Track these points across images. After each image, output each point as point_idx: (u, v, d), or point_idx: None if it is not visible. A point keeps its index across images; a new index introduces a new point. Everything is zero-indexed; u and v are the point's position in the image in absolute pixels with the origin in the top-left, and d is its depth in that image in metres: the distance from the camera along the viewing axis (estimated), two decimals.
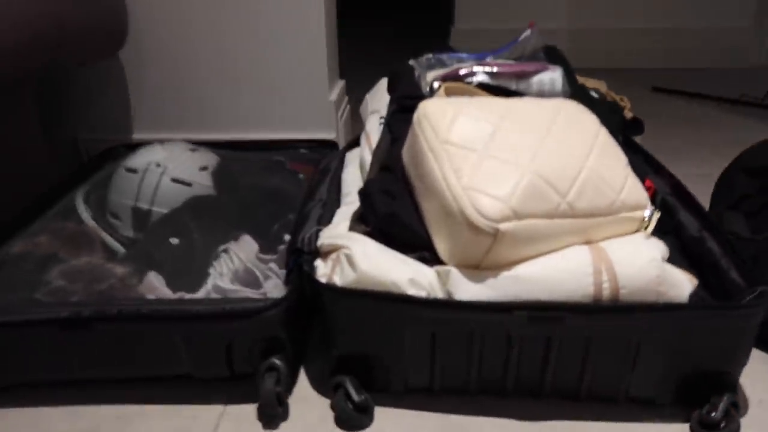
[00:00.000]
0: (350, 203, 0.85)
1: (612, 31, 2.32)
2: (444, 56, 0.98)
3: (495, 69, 0.81)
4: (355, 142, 1.10)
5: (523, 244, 0.60)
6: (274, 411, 0.66)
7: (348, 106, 1.56)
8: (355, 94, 1.72)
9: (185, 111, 1.37)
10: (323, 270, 0.67)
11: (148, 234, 0.86)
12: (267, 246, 0.86)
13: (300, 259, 0.71)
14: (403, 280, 0.62)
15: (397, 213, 0.67)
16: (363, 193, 0.73)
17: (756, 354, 0.77)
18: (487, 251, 0.60)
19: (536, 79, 0.82)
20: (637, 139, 1.17)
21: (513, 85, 0.82)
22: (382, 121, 0.98)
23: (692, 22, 2.30)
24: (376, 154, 0.88)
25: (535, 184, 0.60)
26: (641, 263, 0.61)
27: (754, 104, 1.87)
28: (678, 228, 0.84)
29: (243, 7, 1.26)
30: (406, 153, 0.72)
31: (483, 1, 2.36)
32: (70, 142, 1.38)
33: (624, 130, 1.10)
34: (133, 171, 0.94)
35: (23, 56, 0.89)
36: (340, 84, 1.51)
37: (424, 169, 0.65)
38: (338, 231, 0.71)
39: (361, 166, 0.95)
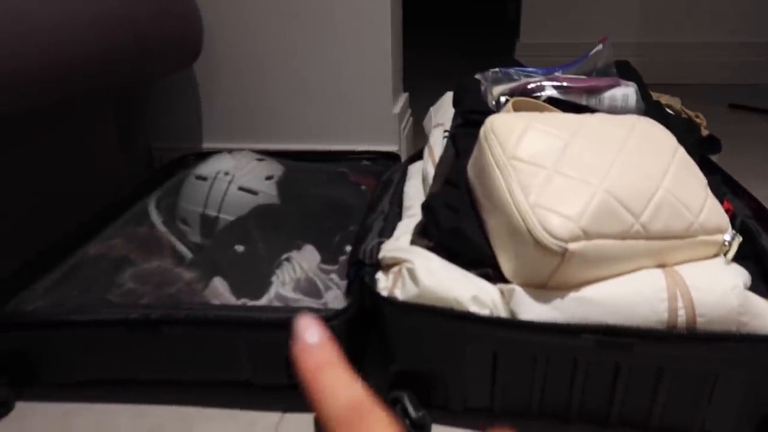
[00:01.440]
0: (412, 216, 0.85)
1: (684, 45, 2.23)
2: (511, 71, 0.96)
3: (564, 84, 0.79)
4: (417, 155, 1.10)
5: (592, 265, 0.58)
6: None
7: (411, 119, 1.57)
8: (419, 107, 1.73)
9: (254, 121, 1.41)
10: (384, 283, 0.67)
11: (214, 241, 0.88)
12: (328, 257, 0.87)
13: (361, 271, 0.71)
14: (466, 296, 0.61)
15: (461, 228, 0.66)
16: (426, 207, 0.72)
17: None
18: (554, 271, 0.58)
19: (608, 95, 0.80)
20: (714, 158, 1.12)
21: (583, 101, 0.80)
22: (446, 134, 0.97)
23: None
24: (439, 167, 0.87)
25: (607, 203, 0.58)
26: (721, 290, 0.58)
27: None
28: (760, 254, 0.79)
29: (312, 21, 1.29)
30: (471, 168, 0.71)
31: (549, 15, 2.32)
32: (145, 150, 1.44)
33: (700, 149, 1.05)
34: (202, 179, 0.97)
35: (105, 69, 0.94)
36: (404, 97, 1.51)
37: (491, 185, 0.64)
38: (400, 244, 0.70)
39: (424, 180, 0.95)
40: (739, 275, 0.59)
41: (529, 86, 0.81)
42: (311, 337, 0.24)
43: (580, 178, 0.60)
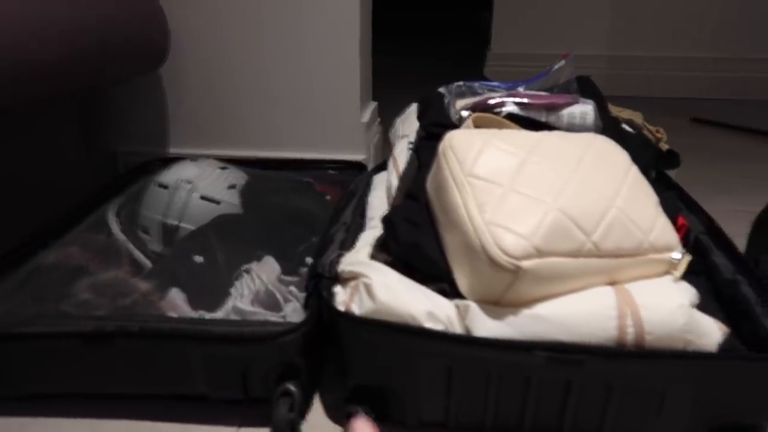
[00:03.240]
0: (374, 227, 0.85)
1: (652, 59, 2.28)
2: (475, 84, 0.97)
3: (525, 100, 0.80)
4: (383, 166, 1.10)
5: (545, 283, 0.59)
6: None
7: (380, 128, 1.57)
8: (389, 116, 1.73)
9: (220, 127, 1.40)
10: (342, 297, 0.67)
11: (173, 250, 0.87)
12: (290, 268, 0.87)
13: (320, 284, 0.71)
14: (421, 312, 0.61)
15: (419, 243, 0.66)
16: (386, 221, 0.72)
17: None
18: (507, 288, 0.59)
19: (567, 112, 0.81)
20: (674, 171, 1.14)
21: (543, 117, 0.81)
22: (411, 146, 0.98)
23: (734, 51, 2.25)
24: (402, 179, 0.87)
25: (559, 222, 0.59)
26: (669, 309, 0.59)
27: None
28: (711, 270, 0.81)
29: (280, 27, 1.29)
30: (430, 183, 0.71)
31: (520, 25, 2.35)
32: (109, 154, 1.41)
33: (658, 164, 1.08)
34: (163, 187, 0.96)
35: (67, 73, 0.92)
36: (372, 106, 1.52)
37: (448, 201, 0.65)
38: (359, 257, 0.71)
39: (388, 191, 0.95)
40: (687, 294, 0.61)
41: (491, 101, 0.82)
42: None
43: (535, 196, 0.61)
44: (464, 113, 0.80)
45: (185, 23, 1.29)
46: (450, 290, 0.65)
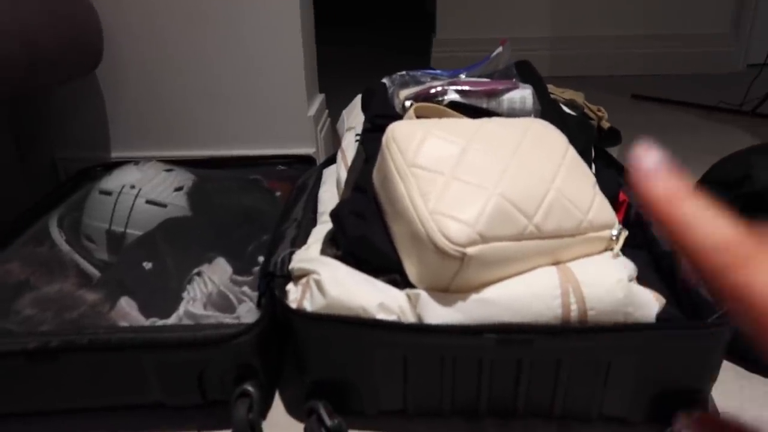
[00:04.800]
0: (325, 222, 0.85)
1: (593, 39, 2.33)
2: (418, 73, 0.98)
3: (466, 88, 0.82)
4: (332, 159, 1.10)
5: (491, 267, 0.60)
6: None
7: (328, 119, 1.56)
8: (337, 106, 1.73)
9: (164, 128, 1.37)
10: (294, 295, 0.67)
11: (121, 258, 0.85)
12: (242, 268, 0.86)
13: (272, 283, 0.71)
14: (372, 304, 0.62)
15: (367, 236, 0.67)
16: (334, 216, 0.73)
17: (728, 366, 0.77)
18: (455, 275, 0.60)
19: (506, 97, 0.82)
20: (617, 148, 1.18)
21: (484, 104, 0.82)
22: (358, 138, 0.98)
23: (671, 28, 2.32)
24: (350, 172, 0.88)
25: (501, 207, 0.60)
26: (608, 284, 0.61)
27: (732, 110, 1.89)
28: (651, 243, 0.85)
29: (219, 20, 1.26)
30: (375, 175, 0.72)
31: (464, 11, 2.37)
32: (48, 161, 1.37)
33: (599, 142, 1.11)
34: (107, 193, 0.94)
35: None
36: (320, 98, 1.51)
37: (393, 192, 0.65)
38: (310, 254, 0.71)
39: (338, 184, 0.95)
40: (625, 268, 0.64)
41: (432, 90, 0.82)
42: (653, 162, 0.19)
43: (476, 183, 0.62)
44: (407, 103, 0.80)
45: (120, 21, 1.25)
46: (401, 280, 0.66)
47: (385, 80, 1.00)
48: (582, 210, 0.64)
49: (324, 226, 0.83)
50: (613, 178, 0.96)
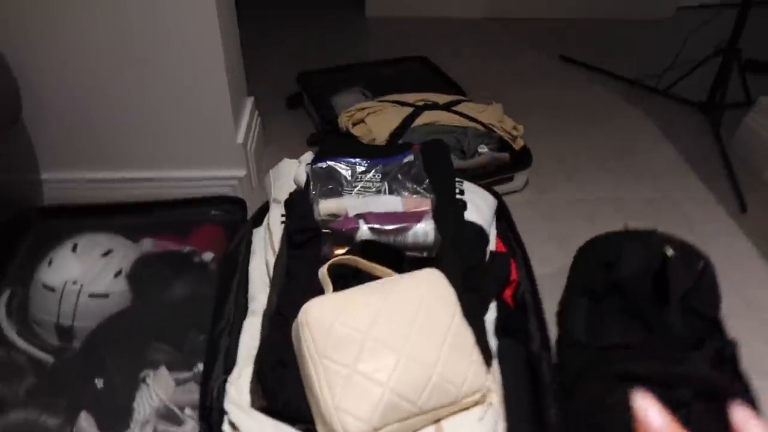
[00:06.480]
0: (254, 312, 0.98)
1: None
2: (338, 164, 1.05)
3: (376, 226, 0.91)
4: (260, 214, 1.18)
5: None
6: None
7: (258, 122, 1.59)
8: (267, 98, 1.75)
9: (95, 150, 1.38)
10: None
11: (73, 373, 0.97)
12: (183, 361, 1.00)
13: (210, 418, 0.86)
14: None
15: (289, 402, 0.81)
16: (258, 371, 0.86)
17: None
18: None
19: (411, 233, 0.93)
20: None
21: (391, 240, 0.93)
22: (283, 219, 1.07)
23: None
24: (273, 285, 0.99)
25: (391, 402, 0.76)
26: None
27: (649, 88, 1.98)
28: (526, 336, 1.03)
29: (142, 59, 1.24)
30: (294, 334, 0.84)
31: None
32: None
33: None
34: (50, 289, 1.02)
35: None
36: (249, 105, 1.52)
37: (307, 371, 0.79)
38: (242, 402, 0.85)
39: (267, 266, 1.06)
40: (487, 427, 0.82)
41: (345, 229, 0.92)
42: (655, 419, 0.21)
43: (372, 375, 0.77)
44: (323, 271, 0.88)
45: (34, 69, 1.21)
46: (314, 429, 0.82)
47: (306, 170, 1.07)
48: (458, 385, 0.80)
49: (253, 320, 0.96)
50: (506, 264, 1.10)
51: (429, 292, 0.85)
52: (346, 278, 0.92)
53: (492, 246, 1.14)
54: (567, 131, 1.79)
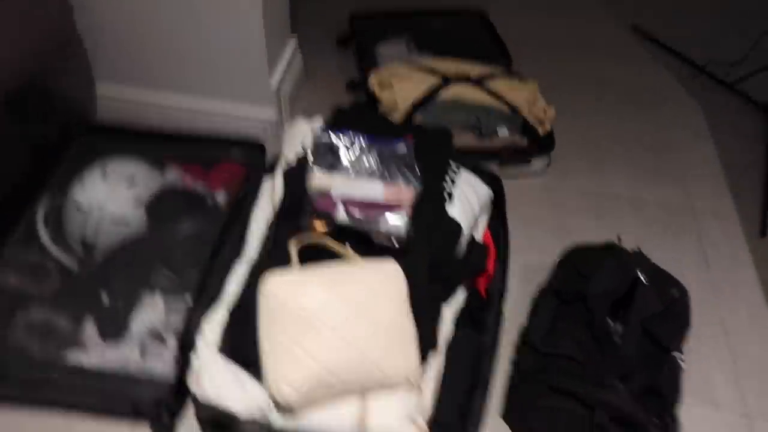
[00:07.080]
0: (247, 259, 1.11)
1: None
2: (340, 139, 1.11)
3: (357, 214, 1.00)
4: (276, 163, 1.27)
5: (308, 407, 0.90)
6: None
7: (301, 60, 1.63)
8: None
9: (141, 67, 1.48)
10: (194, 371, 0.98)
11: (87, 280, 1.15)
12: (179, 291, 1.15)
13: (185, 355, 1.00)
14: (237, 406, 0.93)
15: (248, 357, 0.94)
16: (229, 323, 0.99)
17: None
18: (289, 409, 0.91)
19: (383, 224, 1.00)
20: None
21: (365, 227, 1.01)
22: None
23: None
24: (266, 237, 1.10)
25: (323, 377, 0.88)
26: (394, 420, 0.92)
27: (715, 78, 1.85)
28: (482, 328, 1.11)
29: None
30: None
31: None
32: None
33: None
34: (79, 209, 1.18)
35: None
36: (291, 42, 1.56)
37: (260, 334, 0.92)
38: (209, 341, 0.99)
39: (266, 223, 1.16)
40: (409, 406, 0.92)
41: (327, 209, 1.00)
42: None
43: (311, 352, 0.88)
44: (292, 247, 0.97)
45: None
46: None
47: (308, 151, 1.13)
48: (388, 374, 0.91)
49: (241, 269, 1.09)
50: (481, 257, 1.16)
51: (381, 284, 0.94)
52: (318, 250, 1.01)
53: (479, 237, 1.19)
54: (608, 113, 1.73)
